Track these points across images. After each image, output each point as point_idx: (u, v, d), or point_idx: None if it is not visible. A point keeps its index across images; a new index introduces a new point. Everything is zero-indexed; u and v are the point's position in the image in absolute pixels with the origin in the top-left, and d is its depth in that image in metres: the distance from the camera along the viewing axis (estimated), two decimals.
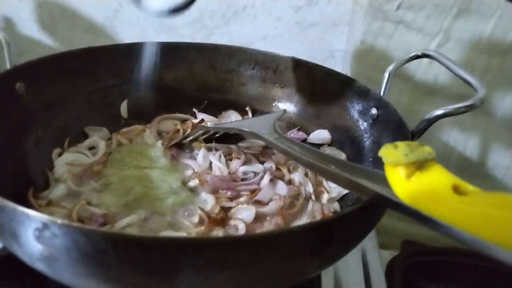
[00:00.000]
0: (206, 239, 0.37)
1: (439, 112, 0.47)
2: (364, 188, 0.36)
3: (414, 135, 0.50)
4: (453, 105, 0.47)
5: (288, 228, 0.46)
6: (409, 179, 0.30)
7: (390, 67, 0.58)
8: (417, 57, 0.58)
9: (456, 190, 0.28)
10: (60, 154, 0.58)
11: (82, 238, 0.30)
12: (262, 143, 0.63)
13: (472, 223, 0.27)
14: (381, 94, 0.58)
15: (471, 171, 0.75)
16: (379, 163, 0.55)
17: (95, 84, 0.65)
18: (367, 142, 0.59)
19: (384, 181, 0.36)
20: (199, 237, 0.42)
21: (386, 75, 0.58)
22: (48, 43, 0.84)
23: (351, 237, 0.39)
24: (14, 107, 0.55)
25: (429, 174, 0.29)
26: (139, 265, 0.32)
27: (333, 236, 0.35)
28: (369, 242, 0.65)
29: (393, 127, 0.54)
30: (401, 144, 0.32)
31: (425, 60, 0.67)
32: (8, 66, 0.56)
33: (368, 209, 0.37)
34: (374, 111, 0.59)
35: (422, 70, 0.70)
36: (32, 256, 0.34)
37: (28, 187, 0.51)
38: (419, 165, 0.30)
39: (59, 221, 0.30)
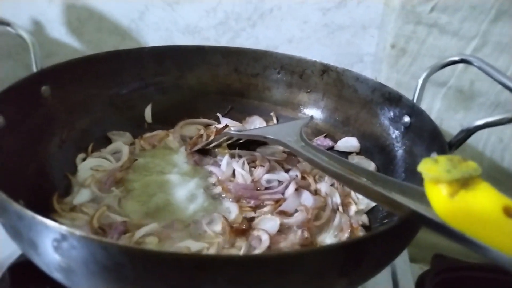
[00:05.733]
0: (228, 257, 0.35)
1: (480, 122, 0.44)
2: (399, 204, 0.34)
3: (451, 146, 0.46)
4: (496, 116, 0.43)
5: (315, 248, 0.43)
6: (452, 198, 0.27)
7: (424, 73, 0.55)
8: (453, 62, 0.55)
9: (508, 212, 0.25)
10: (84, 159, 0.58)
11: (100, 251, 0.29)
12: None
13: None
14: (414, 101, 0.55)
15: (508, 183, 0.71)
16: (411, 174, 0.53)
17: (119, 87, 0.65)
18: (399, 151, 0.56)
19: (420, 197, 0.33)
20: (220, 255, 0.40)
21: (420, 81, 0.55)
22: (75, 45, 0.85)
23: (382, 257, 0.36)
24: (39, 110, 0.55)
25: (476, 194, 0.27)
26: (157, 280, 0.30)
27: (363, 256, 0.33)
28: (399, 257, 0.61)
29: (428, 136, 0.51)
30: (442, 159, 0.30)
31: (460, 65, 0.64)
32: (34, 68, 0.56)
33: (402, 228, 0.34)
34: (406, 118, 0.56)
35: (456, 75, 0.67)
36: (50, 266, 0.34)
37: (49, 190, 0.51)
38: (464, 183, 0.28)
39: (77, 233, 0.29)
